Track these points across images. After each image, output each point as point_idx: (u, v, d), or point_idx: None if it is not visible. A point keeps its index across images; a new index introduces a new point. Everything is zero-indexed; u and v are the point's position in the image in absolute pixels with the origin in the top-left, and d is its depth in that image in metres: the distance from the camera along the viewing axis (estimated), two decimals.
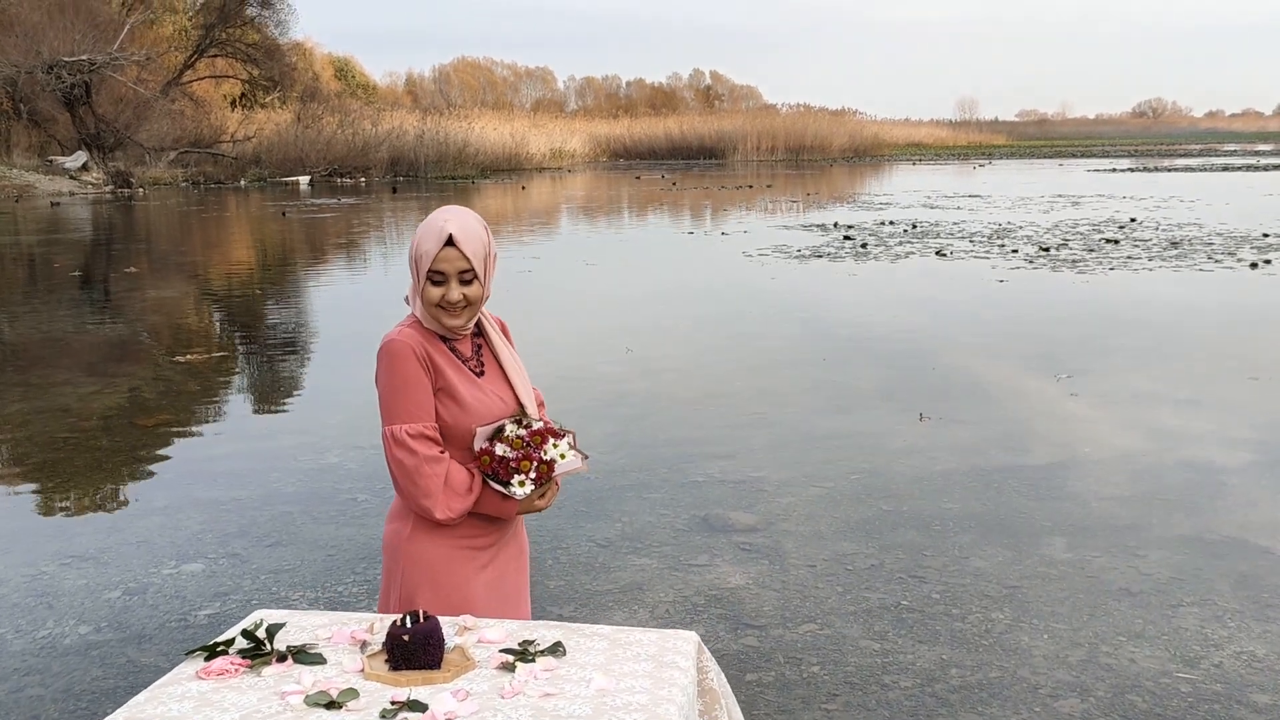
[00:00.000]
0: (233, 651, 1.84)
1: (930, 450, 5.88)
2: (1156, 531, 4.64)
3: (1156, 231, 16.98)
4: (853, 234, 17.23)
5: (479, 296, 2.27)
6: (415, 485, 2.17)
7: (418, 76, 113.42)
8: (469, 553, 2.28)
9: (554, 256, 15.25)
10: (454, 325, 2.25)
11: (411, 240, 2.29)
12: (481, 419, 2.25)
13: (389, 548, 2.31)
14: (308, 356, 9.11)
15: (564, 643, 1.91)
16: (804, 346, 8.78)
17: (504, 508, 2.25)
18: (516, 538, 2.45)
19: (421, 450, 2.17)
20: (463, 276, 2.21)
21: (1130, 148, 75.25)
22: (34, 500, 5.37)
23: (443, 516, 2.18)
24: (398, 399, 2.20)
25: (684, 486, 5.38)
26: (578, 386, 7.53)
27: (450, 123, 49.23)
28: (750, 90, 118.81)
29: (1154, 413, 6.58)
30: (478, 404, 2.25)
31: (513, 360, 2.42)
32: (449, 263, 2.19)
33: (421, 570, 2.24)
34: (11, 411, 7.00)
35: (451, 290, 2.20)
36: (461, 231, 2.21)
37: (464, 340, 2.34)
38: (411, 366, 2.20)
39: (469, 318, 2.28)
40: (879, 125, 78.09)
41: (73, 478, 5.70)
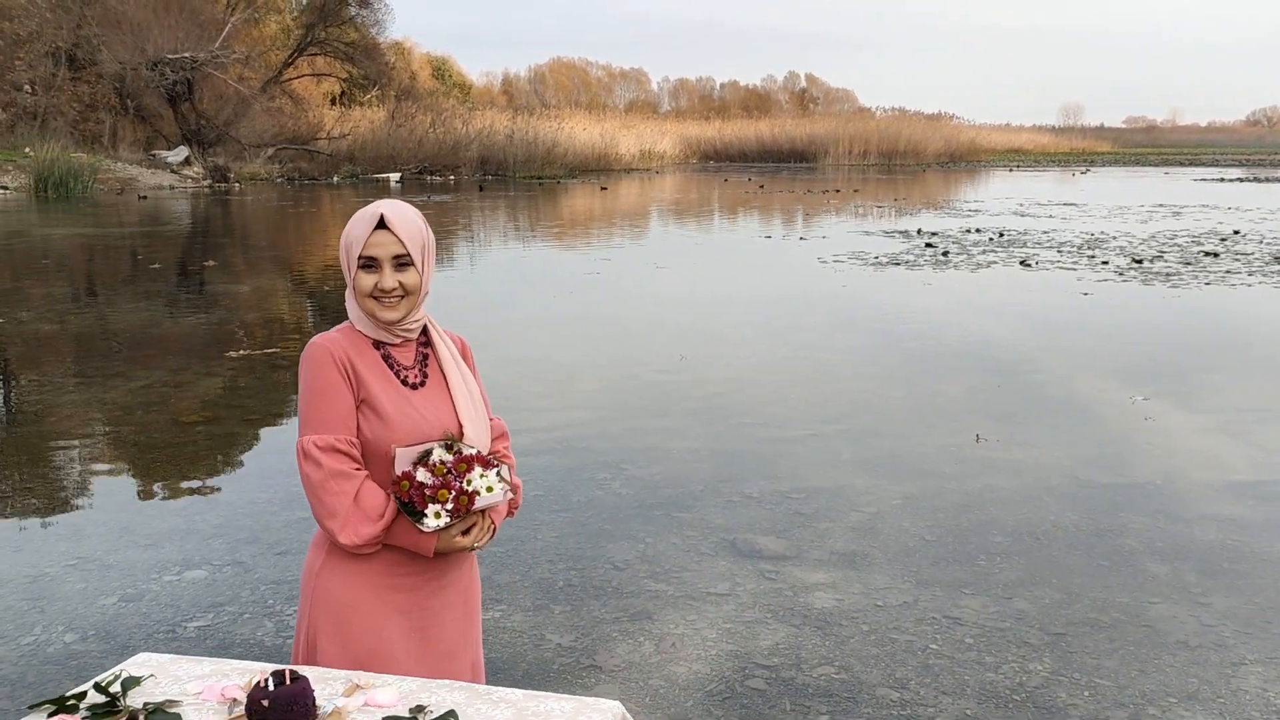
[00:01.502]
0: (83, 707, 1.65)
1: (984, 475, 5.52)
2: (1225, 578, 4.23)
3: (1261, 245, 16.11)
4: (935, 241, 16.70)
5: (417, 286, 2.04)
6: (319, 503, 1.95)
7: (513, 76, 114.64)
8: (386, 593, 2.03)
9: (625, 259, 15.06)
10: (390, 319, 2.02)
11: (342, 235, 2.08)
12: (406, 436, 2.00)
13: (302, 583, 2.09)
14: None
15: (461, 710, 1.69)
16: (865, 359, 8.42)
17: (420, 542, 2.00)
18: (461, 579, 2.16)
19: (329, 464, 1.94)
20: (398, 261, 2.00)
21: (1242, 157, 72.29)
22: (51, 499, 5.33)
23: (347, 541, 1.94)
24: (311, 408, 1.99)
25: (717, 507, 5.12)
26: (623, 395, 7.31)
27: (540, 122, 49.51)
28: (845, 93, 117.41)
29: (1236, 442, 6.10)
30: (403, 419, 2.01)
31: (461, 378, 2.15)
32: (381, 247, 1.99)
33: (328, 611, 2.01)
34: (60, 403, 7.04)
35: (385, 277, 1.99)
36: (395, 215, 2.01)
37: (405, 347, 2.10)
38: (328, 373, 1.99)
39: (407, 310, 2.05)
40: (976, 130, 76.29)
41: (98, 476, 5.66)
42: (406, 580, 2.05)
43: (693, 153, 64.35)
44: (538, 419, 6.66)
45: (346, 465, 1.96)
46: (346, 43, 46.20)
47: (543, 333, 9.63)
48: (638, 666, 3.52)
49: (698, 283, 12.86)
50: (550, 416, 6.74)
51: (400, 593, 2.05)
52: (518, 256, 15.83)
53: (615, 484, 5.46)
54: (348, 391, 1.99)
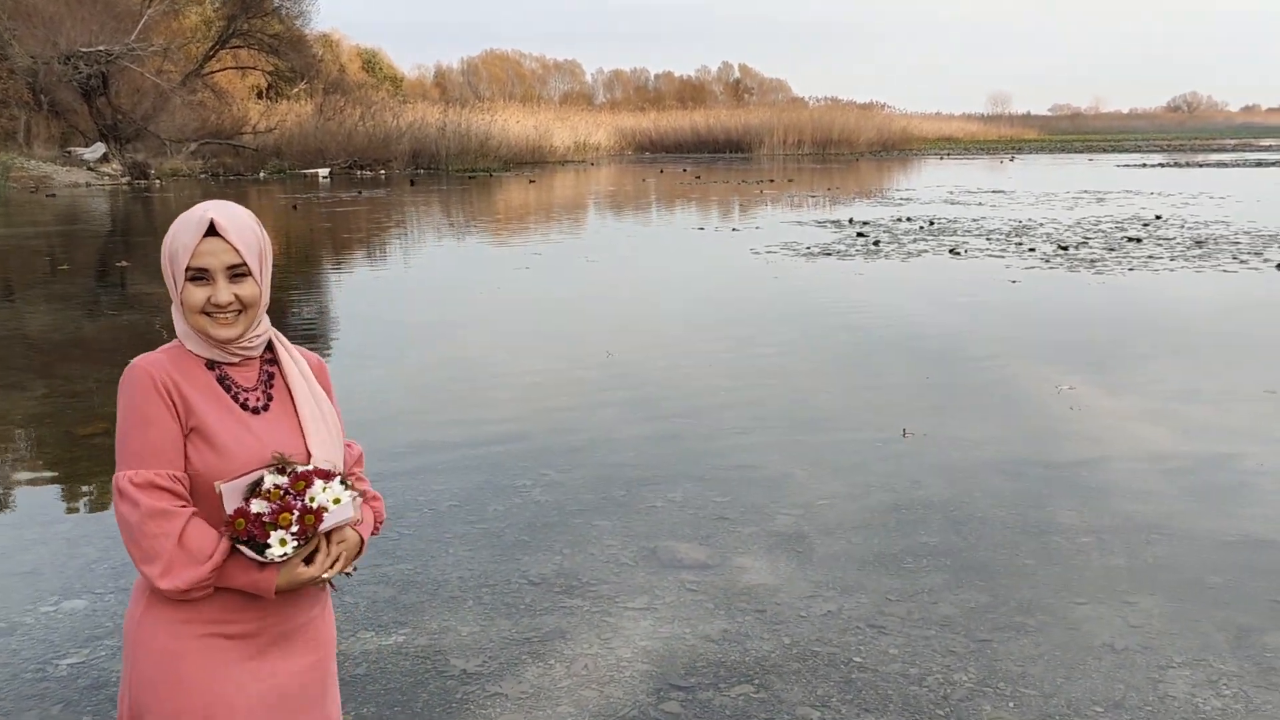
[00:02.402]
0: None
1: (912, 472, 5.41)
2: (1151, 573, 4.15)
3: (1182, 230, 16.33)
4: (866, 230, 16.69)
5: (255, 298, 1.82)
6: (136, 546, 1.72)
7: (446, 69, 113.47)
8: (220, 644, 1.79)
9: (556, 253, 14.82)
10: (226, 337, 1.80)
11: (163, 244, 1.83)
12: (245, 466, 1.78)
13: (125, 638, 1.85)
14: None
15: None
16: (796, 352, 8.30)
17: (259, 580, 1.76)
18: (310, 625, 1.92)
19: (147, 503, 1.71)
20: (232, 271, 1.78)
21: (1163, 142, 73.85)
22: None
23: (169, 587, 1.70)
24: (128, 440, 1.77)
25: (639, 513, 4.94)
26: (548, 395, 7.10)
27: (473, 115, 48.94)
28: (779, 84, 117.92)
29: (1162, 429, 6.06)
30: (241, 448, 1.78)
31: (311, 397, 1.92)
32: (214, 256, 1.76)
33: (154, 668, 1.77)
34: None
35: (220, 290, 1.76)
36: (226, 219, 1.77)
37: (246, 367, 1.87)
38: (148, 400, 1.77)
39: (246, 325, 1.82)
40: (908, 119, 77.00)
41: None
42: (244, 627, 1.81)
43: (628, 144, 64.14)
44: (457, 423, 6.43)
45: (168, 503, 1.73)
46: (270, 35, 45.25)
47: (467, 332, 9.38)
48: (546, 693, 3.33)
49: (629, 276, 12.68)
50: (471, 420, 6.52)
51: (238, 642, 1.80)
52: (446, 253, 15.52)
53: (535, 491, 5.26)
54: (171, 420, 1.77)
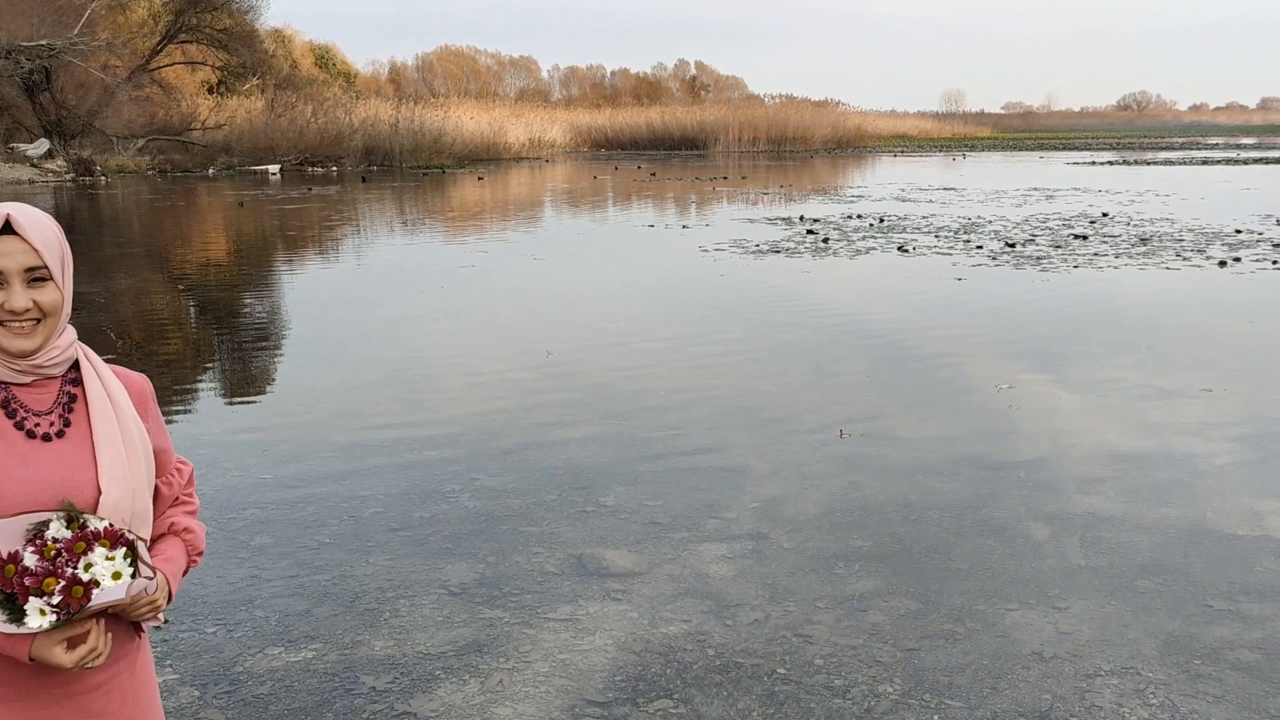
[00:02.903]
0: None
1: (849, 473, 5.33)
2: (1083, 578, 4.09)
3: (1127, 227, 16.46)
4: (816, 228, 16.67)
5: (57, 306, 1.61)
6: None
7: (401, 65, 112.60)
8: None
9: (503, 251, 14.66)
10: (20, 349, 1.58)
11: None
12: (21, 503, 1.54)
13: None
14: (202, 364, 8.52)
15: None
16: (740, 351, 8.21)
17: (12, 644, 1.51)
18: (111, 683, 1.66)
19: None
20: (31, 275, 1.57)
21: (1113, 140, 74.85)
22: None
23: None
24: None
25: (568, 519, 4.82)
26: (484, 396, 6.96)
27: (426, 111, 48.54)
28: (735, 80, 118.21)
29: (1099, 431, 6.03)
30: (15, 483, 1.55)
31: (115, 425, 1.66)
32: (9, 257, 1.56)
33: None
34: None
35: (14, 295, 1.55)
36: (25, 218, 1.57)
37: (41, 388, 1.63)
38: None
39: (45, 336, 1.61)
40: (862, 117, 77.43)
41: None
42: (6, 690, 1.56)
43: (584, 141, 63.99)
44: (388, 426, 6.28)
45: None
46: (219, 29, 44.52)
47: (407, 330, 9.20)
48: (458, 710, 3.20)
49: (575, 274, 12.55)
50: (403, 423, 6.36)
51: (6, 705, 1.57)
52: (391, 251, 15.29)
53: (463, 496, 5.12)
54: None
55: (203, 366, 8.35)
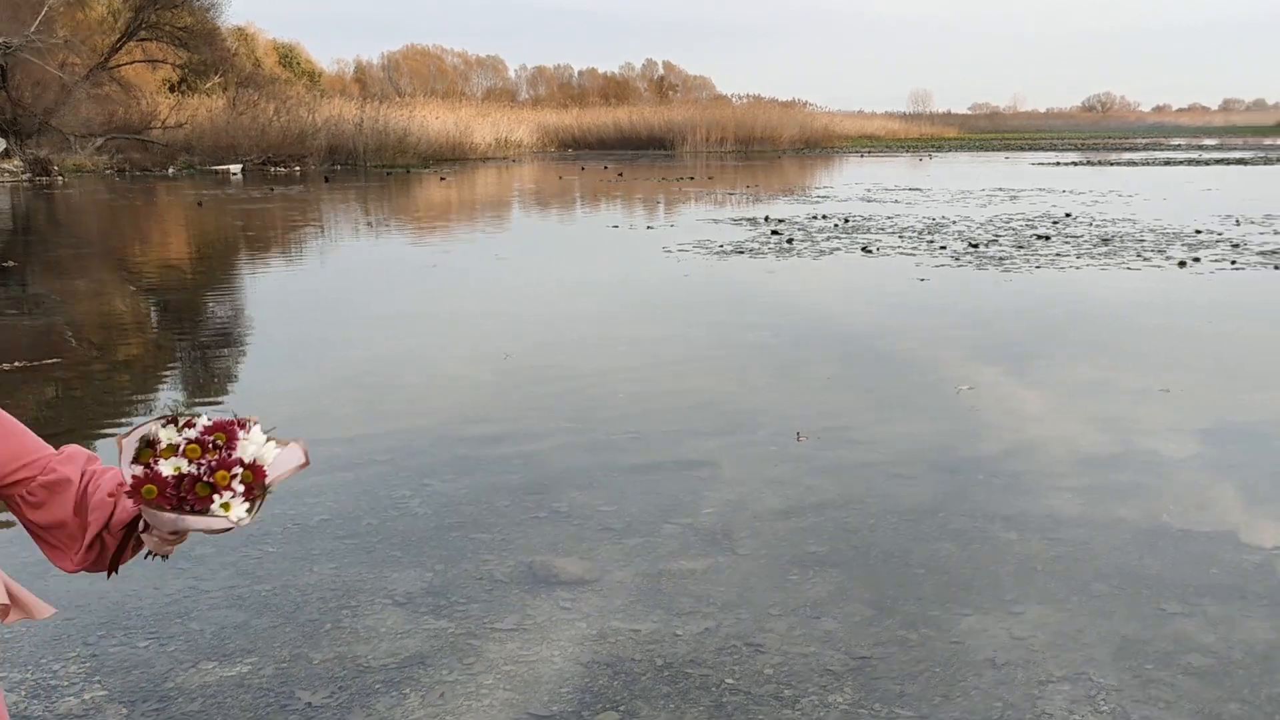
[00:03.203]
0: None
1: (806, 477, 5.27)
2: (1039, 581, 4.05)
3: (1090, 227, 16.55)
4: (781, 229, 16.65)
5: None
6: None
7: (367, 64, 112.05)
8: None
9: (467, 251, 14.53)
10: None
11: None
12: None
13: None
14: (156, 367, 8.35)
15: None
16: (700, 353, 8.14)
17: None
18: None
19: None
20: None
21: (1078, 141, 75.55)
22: None
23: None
24: None
25: (521, 525, 4.72)
26: (440, 398, 6.85)
27: (391, 111, 48.21)
28: (703, 81, 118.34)
29: (1059, 433, 6.01)
30: None
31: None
32: None
33: None
34: None
35: None
36: None
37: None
38: None
39: None
40: (830, 117, 77.69)
41: None
42: None
43: (551, 141, 63.83)
44: (341, 430, 6.15)
45: None
46: (180, 27, 43.99)
47: (366, 332, 9.07)
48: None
49: (537, 275, 12.44)
50: (355, 426, 6.24)
51: None
52: (352, 251, 15.12)
53: (414, 502, 5.01)
54: None
55: (157, 369, 8.18)
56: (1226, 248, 13.77)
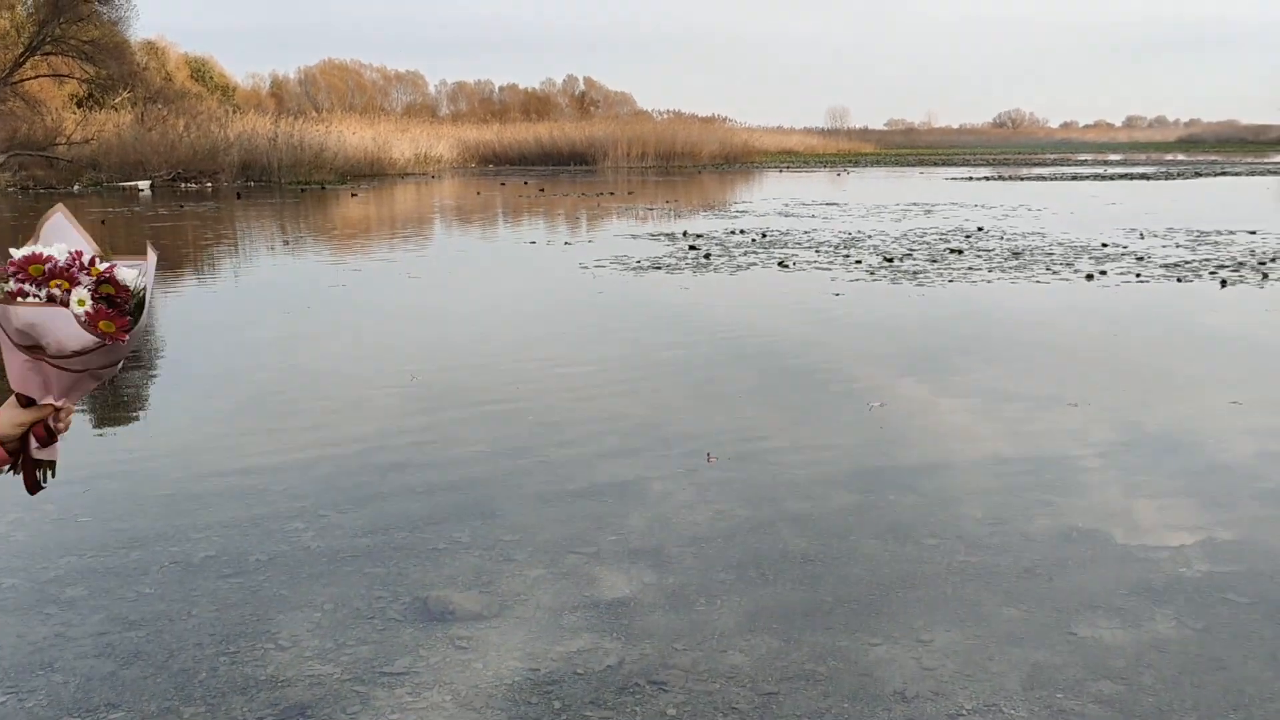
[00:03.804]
0: None
1: (716, 501, 5.14)
2: (950, 607, 3.96)
3: (1001, 241, 16.80)
4: (699, 244, 16.61)
5: None
6: None
7: (283, 79, 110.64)
8: None
9: (377, 269, 14.20)
10: None
11: None
12: None
13: None
14: None
15: None
16: (613, 372, 7.99)
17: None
18: None
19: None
20: None
21: (990, 156, 77.24)
22: None
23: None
24: None
25: (419, 557, 4.52)
26: (341, 424, 6.59)
27: (307, 126, 47.47)
28: (624, 96, 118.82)
29: (974, 448, 5.97)
30: None
31: None
32: None
33: None
34: None
35: None
36: None
37: None
38: None
39: None
40: (750, 132, 78.42)
41: None
42: None
43: (472, 156, 63.46)
44: (231, 460, 5.87)
45: None
46: (86, 41, 42.79)
47: (265, 355, 8.75)
48: None
49: (449, 293, 12.19)
50: (247, 455, 5.96)
51: None
52: (259, 270, 14.70)
53: (307, 535, 4.77)
54: None
55: None
56: (1132, 261, 14.05)
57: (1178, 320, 9.89)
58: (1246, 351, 8.50)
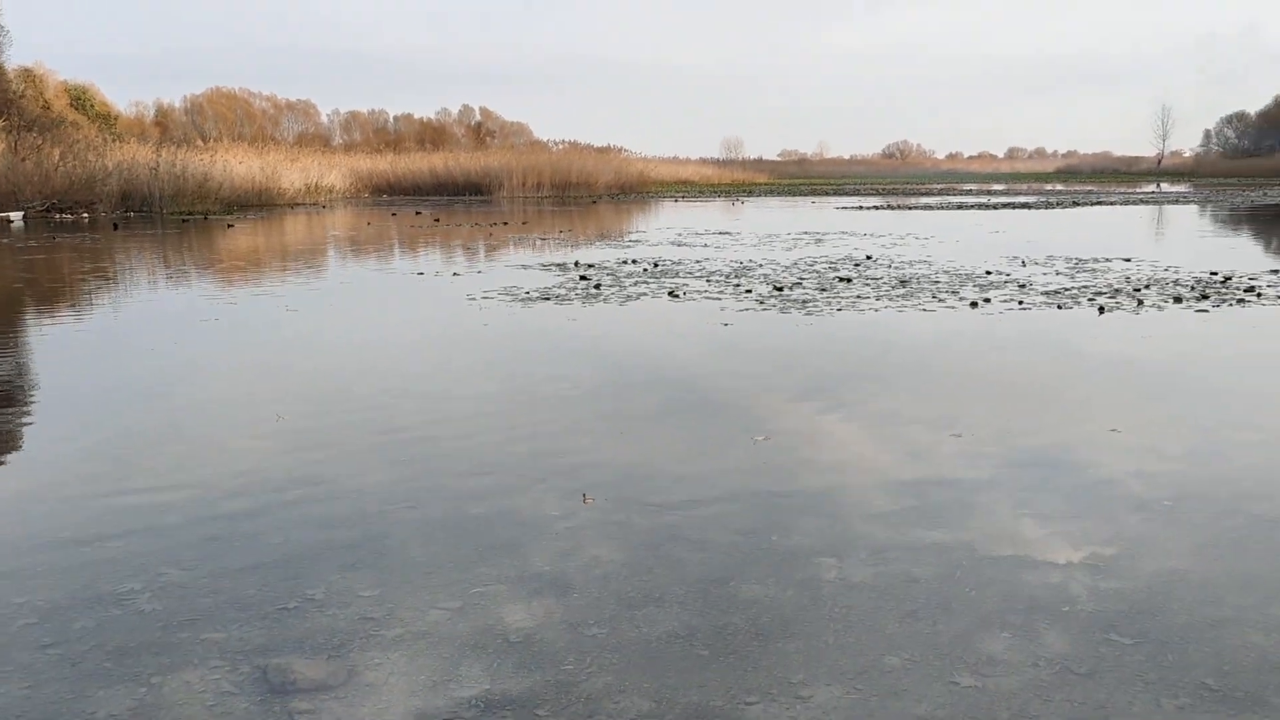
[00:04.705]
0: None
1: (590, 547, 4.87)
2: (829, 659, 3.76)
3: (889, 269, 16.97)
4: (590, 274, 16.41)
5: None
6: None
7: (169, 107, 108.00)
8: None
9: (254, 302, 13.64)
10: None
11: None
12: None
13: None
14: None
15: None
16: (492, 409, 7.68)
17: None
18: None
19: None
20: None
21: (880, 186, 79.04)
22: None
23: None
24: None
25: (266, 619, 4.15)
26: (193, 470, 6.14)
27: (191, 155, 46.18)
28: (521, 127, 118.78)
29: (858, 485, 5.82)
30: None
31: None
32: None
33: None
34: None
35: None
36: None
37: None
38: None
39: None
40: (645, 163, 78.93)
41: None
42: None
43: (365, 186, 62.61)
44: (73, 511, 5.40)
45: None
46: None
47: (122, 395, 8.21)
48: None
49: (328, 326, 11.73)
50: (89, 507, 5.49)
51: None
52: (129, 305, 13.99)
53: (144, 597, 4.36)
54: None
55: None
56: (1014, 288, 14.28)
57: (1059, 346, 9.99)
58: (1126, 376, 8.59)
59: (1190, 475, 5.86)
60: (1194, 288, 14.19)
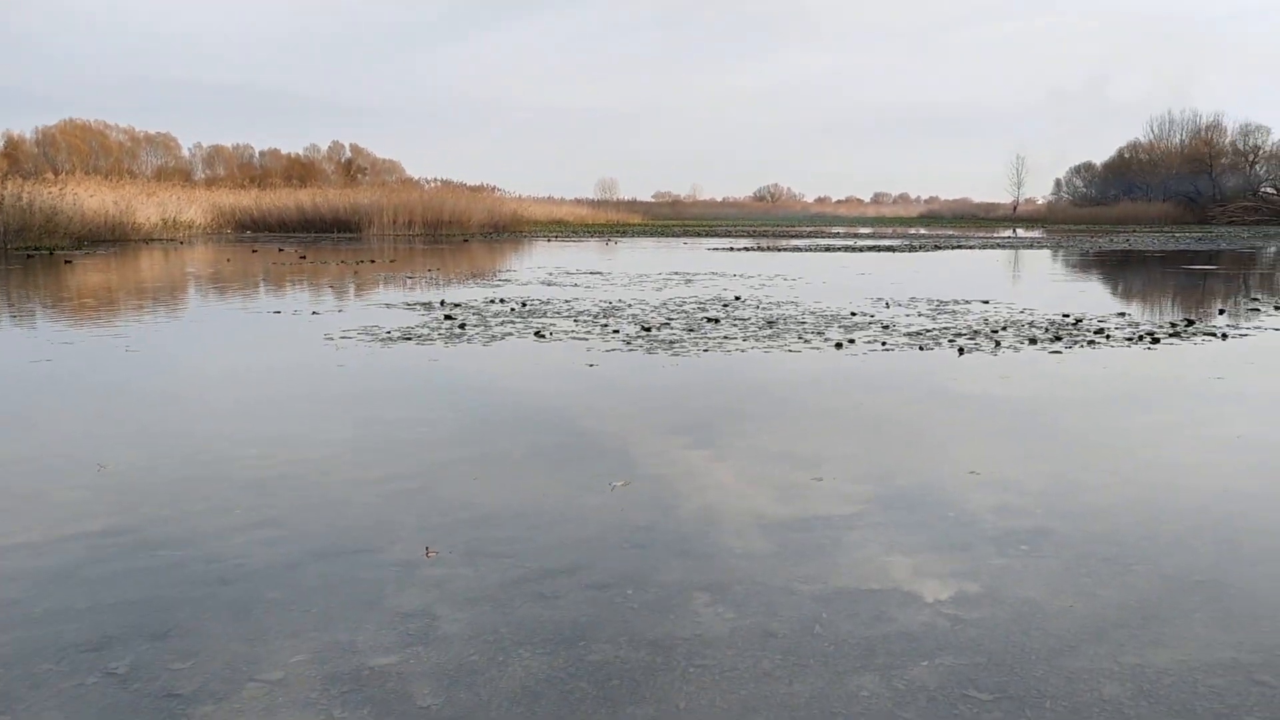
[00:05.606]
0: None
1: (433, 606, 4.55)
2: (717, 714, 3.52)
3: (757, 310, 17.06)
4: (455, 313, 16.02)
5: None
6: None
7: (19, 138, 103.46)
8: None
9: (93, 343, 12.84)
10: None
11: None
12: None
13: None
14: None
15: None
16: (345, 456, 7.26)
17: None
18: None
19: None
20: None
21: (750, 228, 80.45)
22: None
23: None
24: None
25: (58, 697, 3.70)
26: (3, 527, 5.58)
27: (37, 188, 44.04)
28: (392, 164, 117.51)
29: (712, 529, 5.63)
30: None
31: None
32: None
33: None
34: None
35: None
36: None
37: None
38: None
39: None
40: (519, 202, 78.81)
41: None
42: None
43: (228, 222, 60.82)
44: None
45: None
46: None
47: None
48: None
49: (171, 369, 11.08)
50: None
51: None
52: None
53: None
54: None
55: None
56: (878, 329, 14.47)
57: (921, 386, 10.07)
58: (985, 416, 8.67)
59: (1046, 516, 5.86)
60: (1048, 329, 14.61)
